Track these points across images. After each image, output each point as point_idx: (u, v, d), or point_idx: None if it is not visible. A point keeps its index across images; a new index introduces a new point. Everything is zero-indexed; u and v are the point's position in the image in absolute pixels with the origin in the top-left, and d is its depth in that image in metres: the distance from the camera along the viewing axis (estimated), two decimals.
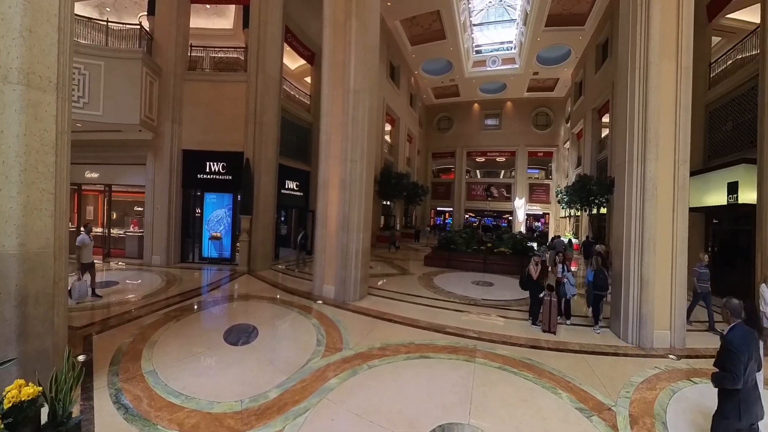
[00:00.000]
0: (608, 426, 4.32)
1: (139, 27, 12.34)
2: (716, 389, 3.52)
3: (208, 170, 13.32)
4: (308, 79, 18.71)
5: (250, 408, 4.27)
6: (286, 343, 6.52)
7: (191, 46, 13.67)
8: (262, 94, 12.85)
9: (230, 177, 13.21)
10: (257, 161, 12.75)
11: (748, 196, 9.84)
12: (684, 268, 7.10)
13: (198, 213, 13.80)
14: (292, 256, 16.11)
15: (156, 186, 12.94)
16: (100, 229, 14.09)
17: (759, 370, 3.39)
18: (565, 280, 8.18)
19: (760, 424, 3.42)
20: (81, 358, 5.27)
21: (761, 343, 3.55)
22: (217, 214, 13.65)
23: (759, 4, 9.47)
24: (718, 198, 11.07)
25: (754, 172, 9.38)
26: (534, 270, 8.08)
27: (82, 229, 9.22)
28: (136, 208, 14.74)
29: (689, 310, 8.13)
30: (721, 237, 12.29)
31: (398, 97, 26.83)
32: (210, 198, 13.70)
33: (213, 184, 13.41)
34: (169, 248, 13.00)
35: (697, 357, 6.66)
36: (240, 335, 6.49)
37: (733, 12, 12.83)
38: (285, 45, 14.96)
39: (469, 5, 24.92)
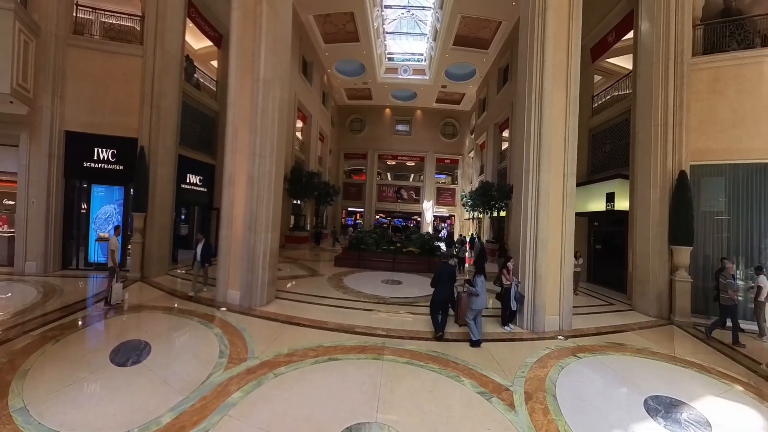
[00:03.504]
0: (506, 405, 4.76)
1: None
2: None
3: (96, 158, 11.47)
4: (215, 63, 17.32)
5: None
6: (183, 358, 5.84)
7: (77, 5, 11.61)
8: (160, 73, 11.45)
9: (122, 167, 11.56)
10: (153, 150, 11.34)
11: (622, 204, 11.91)
12: (570, 263, 8.27)
13: (84, 209, 11.76)
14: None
15: (31, 174, 10.74)
16: None
17: (453, 282, 7.55)
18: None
19: None
20: None
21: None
22: (105, 210, 11.79)
23: (631, 54, 11.63)
24: (598, 205, 13.19)
25: (627, 185, 11.48)
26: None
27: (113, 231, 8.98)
28: (6, 202, 12.20)
29: (736, 331, 7.90)
30: (600, 237, 14.52)
31: (310, 94, 26.21)
32: (98, 191, 11.77)
33: (102, 174, 11.56)
34: (48, 252, 10.90)
35: (582, 336, 7.80)
36: (129, 354, 5.67)
37: (611, 58, 15.77)
38: (189, 21, 13.58)
39: (383, 13, 25.38)
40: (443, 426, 4.24)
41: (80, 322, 7.08)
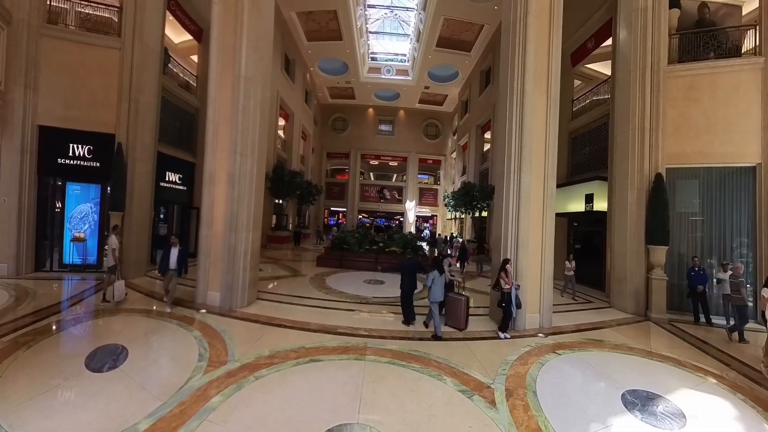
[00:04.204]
0: (487, 402, 4.81)
1: None
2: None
3: (71, 154, 11.00)
4: (195, 58, 17.00)
5: None
6: (162, 362, 5.69)
7: None
8: (139, 67, 11.10)
9: (98, 164, 11.14)
10: (131, 147, 10.98)
11: (601, 205, 12.24)
12: (551, 262, 8.43)
13: (58, 208, 11.27)
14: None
15: (2, 170, 10.21)
16: None
17: (415, 275, 7.98)
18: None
19: None
20: None
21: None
22: (81, 209, 11.32)
23: (610, 61, 12.00)
24: (578, 206, 13.51)
25: (606, 187, 11.79)
26: (447, 271, 8.48)
27: (112, 231, 9.15)
28: None
29: (738, 330, 8.00)
30: (579, 237, 14.90)
31: (293, 92, 25.95)
32: (73, 189, 11.30)
33: (77, 171, 11.11)
34: (20, 253, 10.38)
35: (561, 333, 7.96)
36: (105, 359, 5.47)
37: (590, 63, 16.21)
38: (168, 14, 13.24)
39: (366, 12, 25.34)
40: (425, 425, 4.26)
41: (54, 327, 6.79)
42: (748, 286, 9.34)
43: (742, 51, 10.20)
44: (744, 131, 9.51)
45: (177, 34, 16.86)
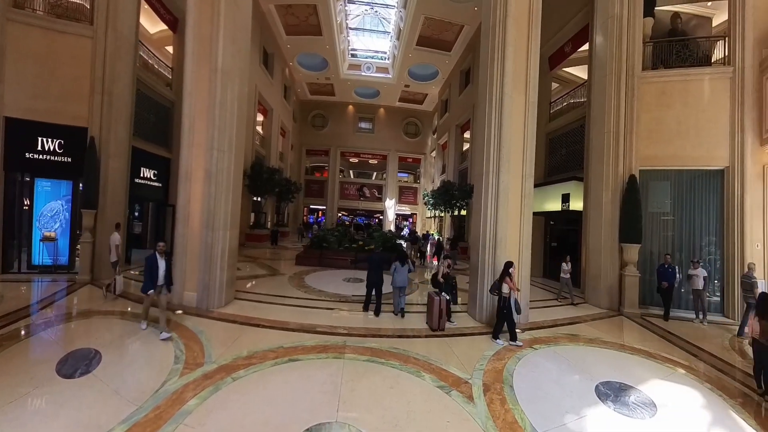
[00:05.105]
0: (465, 397, 4.89)
1: None
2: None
3: (40, 148, 10.45)
4: (170, 49, 16.36)
5: None
6: (136, 365, 5.49)
7: None
8: (112, 56, 10.68)
9: (70, 159, 10.65)
10: (105, 141, 10.58)
11: (576, 204, 12.65)
12: (528, 260, 8.61)
13: (26, 205, 10.71)
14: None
15: None
16: None
17: (383, 268, 8.35)
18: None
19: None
20: None
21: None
22: (51, 207, 10.78)
23: (587, 65, 12.34)
24: (554, 205, 13.89)
25: (582, 187, 12.21)
26: (441, 271, 8.52)
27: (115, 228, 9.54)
28: None
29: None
30: (556, 235, 15.25)
31: (272, 87, 25.48)
32: (43, 185, 10.73)
33: (47, 167, 10.57)
34: None
35: (538, 328, 8.19)
36: (77, 364, 5.23)
37: (568, 67, 16.75)
38: (143, 2, 12.74)
39: (346, 8, 25.14)
40: (404, 421, 4.29)
41: (23, 332, 6.46)
42: (716, 282, 9.91)
43: (712, 60, 10.65)
44: (713, 136, 9.94)
45: (152, 24, 16.28)
